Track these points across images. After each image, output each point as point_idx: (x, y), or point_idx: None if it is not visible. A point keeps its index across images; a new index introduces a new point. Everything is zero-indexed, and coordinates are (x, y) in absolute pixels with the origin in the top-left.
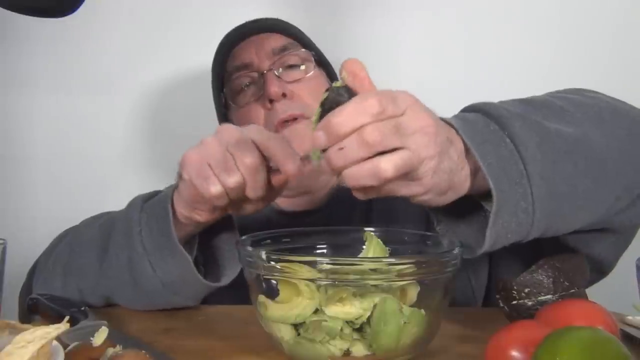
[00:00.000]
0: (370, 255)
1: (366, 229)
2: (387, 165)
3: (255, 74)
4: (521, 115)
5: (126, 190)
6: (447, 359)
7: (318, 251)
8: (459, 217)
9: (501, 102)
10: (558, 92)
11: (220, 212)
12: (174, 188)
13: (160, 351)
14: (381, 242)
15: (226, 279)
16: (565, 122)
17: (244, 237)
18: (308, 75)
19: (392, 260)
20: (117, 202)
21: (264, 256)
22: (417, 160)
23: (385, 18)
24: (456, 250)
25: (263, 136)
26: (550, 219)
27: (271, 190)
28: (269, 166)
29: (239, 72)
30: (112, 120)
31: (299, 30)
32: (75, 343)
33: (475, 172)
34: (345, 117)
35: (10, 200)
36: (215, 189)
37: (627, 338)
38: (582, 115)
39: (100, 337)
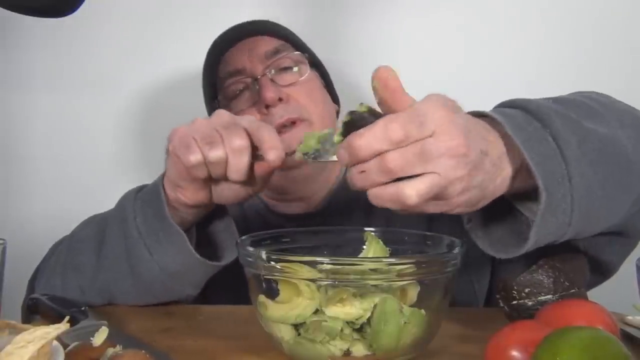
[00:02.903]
0: (370, 255)
1: (366, 229)
2: (411, 192)
3: (249, 80)
4: (560, 113)
5: (125, 189)
6: (447, 359)
7: (318, 251)
8: (490, 218)
9: (537, 99)
10: (582, 93)
11: (205, 195)
12: (164, 172)
13: (160, 351)
14: (381, 242)
15: (225, 261)
16: (597, 122)
17: (243, 237)
18: (303, 77)
19: (392, 260)
20: (116, 201)
21: (264, 256)
22: (445, 183)
23: (384, 17)
24: (456, 250)
25: (254, 124)
26: (585, 220)
27: (253, 181)
28: (255, 155)
29: (232, 78)
30: (112, 121)
31: (290, 31)
32: (75, 343)
33: (517, 171)
34: (366, 141)
35: (10, 200)
36: (194, 157)
37: (627, 338)
38: (610, 116)
39: (100, 337)
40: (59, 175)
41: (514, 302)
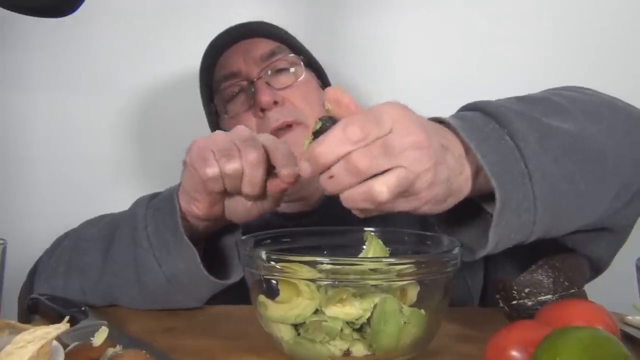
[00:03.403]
0: (370, 255)
1: (366, 229)
2: (382, 187)
3: (245, 83)
4: (520, 112)
5: (124, 190)
6: (447, 359)
7: (318, 251)
8: (461, 220)
9: (499, 100)
10: (555, 89)
11: (218, 209)
12: (179, 183)
13: (160, 351)
14: (381, 242)
15: (232, 280)
16: (563, 119)
17: (244, 237)
18: (298, 80)
19: (392, 260)
20: (116, 202)
21: (264, 256)
22: (413, 176)
23: (383, 17)
24: (456, 250)
25: (272, 141)
26: (552, 218)
27: (266, 197)
28: (270, 173)
29: (227, 81)
30: (110, 121)
31: (285, 31)
32: (75, 343)
33: (476, 172)
34: (327, 146)
35: (10, 200)
36: (211, 170)
37: (627, 338)
38: (580, 111)
39: (100, 337)
40: (57, 176)
41: (514, 302)
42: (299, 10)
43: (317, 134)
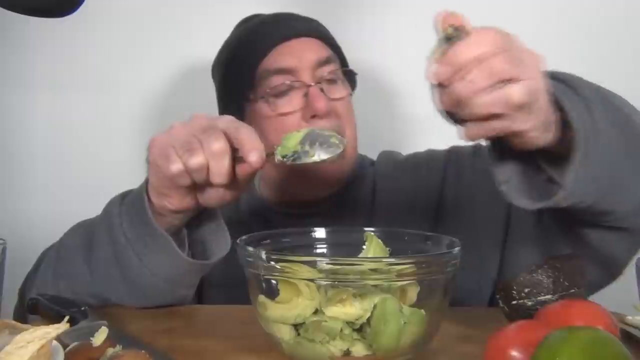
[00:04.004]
0: (370, 255)
1: (366, 229)
2: (519, 90)
3: (297, 83)
4: (584, 83)
5: (125, 189)
6: (447, 359)
7: (318, 251)
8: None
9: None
10: None
11: (191, 200)
12: (146, 179)
13: (160, 351)
14: (381, 242)
15: (214, 259)
16: (614, 97)
17: (243, 237)
18: (349, 94)
19: (392, 260)
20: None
21: (264, 256)
22: (539, 91)
23: (383, 17)
24: (456, 250)
25: (233, 125)
26: (609, 185)
27: (237, 182)
28: (236, 156)
29: (278, 76)
30: (112, 120)
31: (334, 39)
32: (75, 343)
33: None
34: (466, 46)
35: (10, 200)
36: (175, 167)
37: (627, 338)
38: (618, 101)
39: (100, 337)
40: (58, 175)
41: (514, 302)
42: (299, 10)
43: (447, 39)
